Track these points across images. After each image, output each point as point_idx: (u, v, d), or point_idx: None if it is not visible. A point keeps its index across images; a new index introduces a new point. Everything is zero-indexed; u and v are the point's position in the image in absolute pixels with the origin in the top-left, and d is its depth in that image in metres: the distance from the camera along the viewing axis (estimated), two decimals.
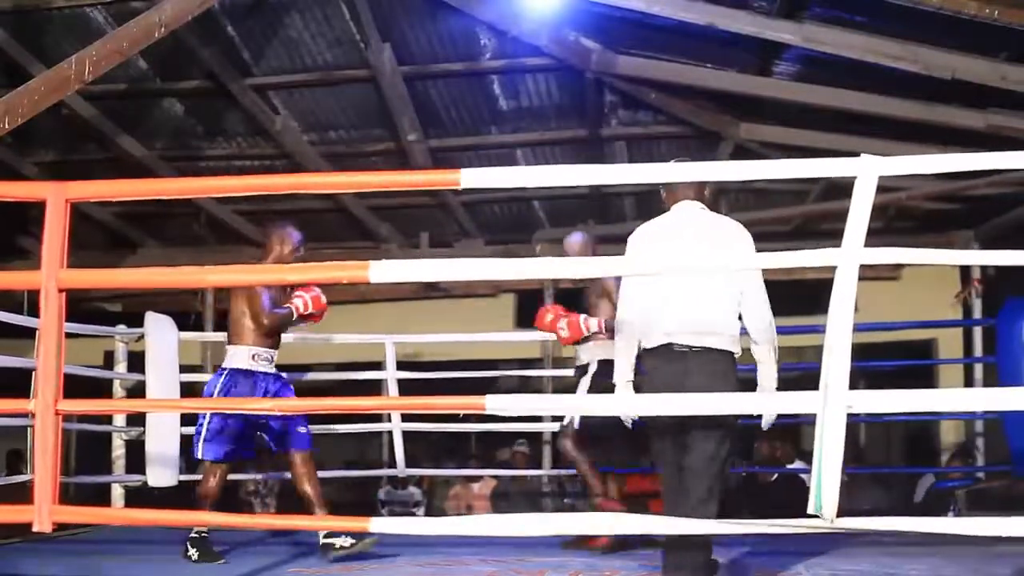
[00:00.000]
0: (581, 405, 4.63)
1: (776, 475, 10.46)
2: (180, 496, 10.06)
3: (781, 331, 5.31)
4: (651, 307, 5.20)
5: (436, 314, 13.35)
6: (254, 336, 6.73)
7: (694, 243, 5.24)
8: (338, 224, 13.34)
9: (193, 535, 6.60)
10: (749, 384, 5.21)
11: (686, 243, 5.25)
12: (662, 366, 5.18)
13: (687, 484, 5.16)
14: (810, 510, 3.89)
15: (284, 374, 6.91)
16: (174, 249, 13.43)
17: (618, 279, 6.57)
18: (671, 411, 4.61)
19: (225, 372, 6.69)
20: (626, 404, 4.94)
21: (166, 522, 6.16)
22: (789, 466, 10.47)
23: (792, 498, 8.93)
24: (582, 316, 7.24)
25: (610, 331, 6.69)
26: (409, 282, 12.83)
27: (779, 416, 5.06)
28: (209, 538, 6.65)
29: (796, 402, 4.27)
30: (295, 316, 6.79)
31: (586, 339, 7.35)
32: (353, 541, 6.70)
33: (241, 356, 6.71)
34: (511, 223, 13.25)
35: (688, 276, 5.16)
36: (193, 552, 6.56)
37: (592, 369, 7.29)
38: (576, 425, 7.34)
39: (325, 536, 6.77)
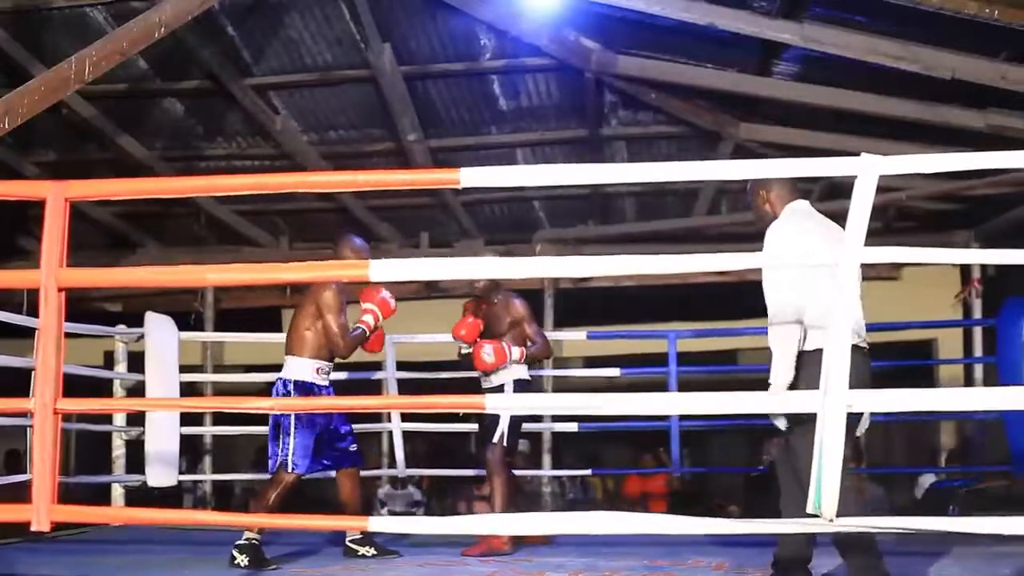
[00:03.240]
0: (582, 404, 4.62)
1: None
2: (180, 496, 10.08)
3: None
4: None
5: (436, 314, 13.33)
6: (319, 350, 6.83)
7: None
8: (338, 224, 13.32)
9: (243, 541, 6.48)
10: None
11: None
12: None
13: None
14: (809, 509, 3.90)
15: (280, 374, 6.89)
16: (174, 249, 13.42)
17: (529, 309, 7.37)
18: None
19: (291, 384, 6.69)
20: (627, 404, 4.90)
21: (164, 521, 6.18)
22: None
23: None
24: (504, 344, 7.25)
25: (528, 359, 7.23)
26: (409, 282, 12.84)
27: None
28: (260, 545, 6.56)
29: (796, 402, 4.27)
30: (368, 334, 7.02)
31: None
32: (375, 554, 6.82)
33: (306, 369, 6.76)
34: (511, 223, 13.25)
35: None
36: (242, 558, 6.44)
37: (509, 389, 7.24)
38: (505, 441, 7.24)
39: (352, 541, 6.88)
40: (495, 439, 7.20)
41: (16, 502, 4.51)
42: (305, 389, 6.63)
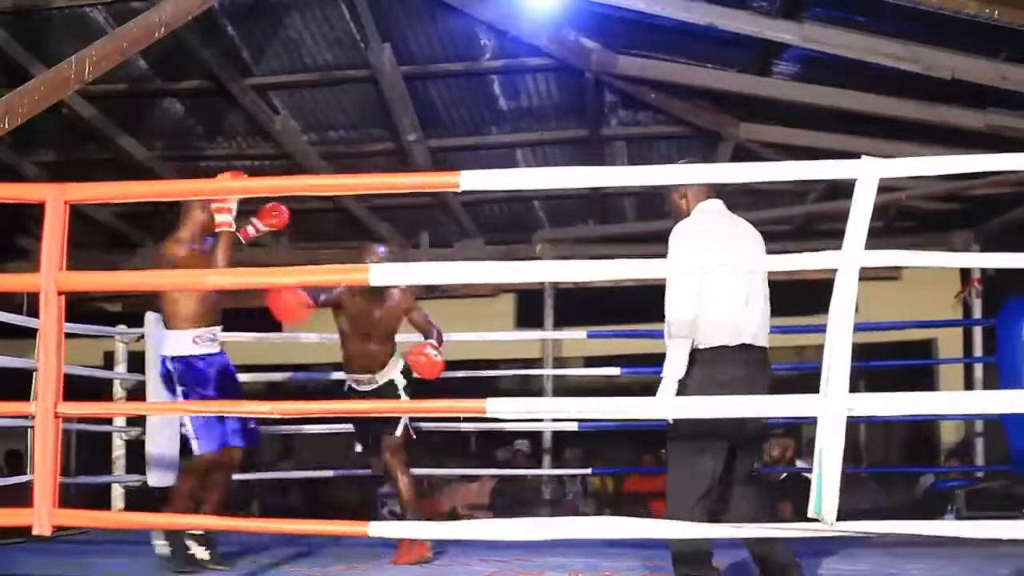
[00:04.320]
0: (581, 408, 4.62)
1: (785, 475, 10.47)
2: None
3: (782, 330, 5.36)
4: (732, 307, 5.18)
5: (436, 314, 13.30)
6: (194, 317, 6.53)
7: (746, 243, 5.28)
8: (338, 224, 13.33)
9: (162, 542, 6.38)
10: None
11: (742, 243, 5.29)
12: (737, 366, 5.18)
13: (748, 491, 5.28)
14: (810, 513, 3.89)
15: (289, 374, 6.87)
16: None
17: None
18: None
19: (169, 361, 6.46)
20: (631, 406, 4.91)
21: (165, 526, 6.17)
22: (795, 465, 10.51)
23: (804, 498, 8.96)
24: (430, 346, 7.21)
25: None
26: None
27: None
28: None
29: (796, 405, 4.26)
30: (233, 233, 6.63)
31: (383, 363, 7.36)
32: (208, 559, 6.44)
33: (184, 342, 6.48)
34: (511, 223, 13.25)
35: (757, 278, 5.26)
36: (201, 551, 6.34)
37: (402, 384, 7.33)
38: (409, 432, 7.27)
39: (191, 537, 6.43)
40: (398, 431, 7.21)
41: (17, 502, 4.52)
42: (186, 364, 6.43)
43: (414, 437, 7.26)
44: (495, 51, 9.58)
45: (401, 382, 7.29)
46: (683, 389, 5.06)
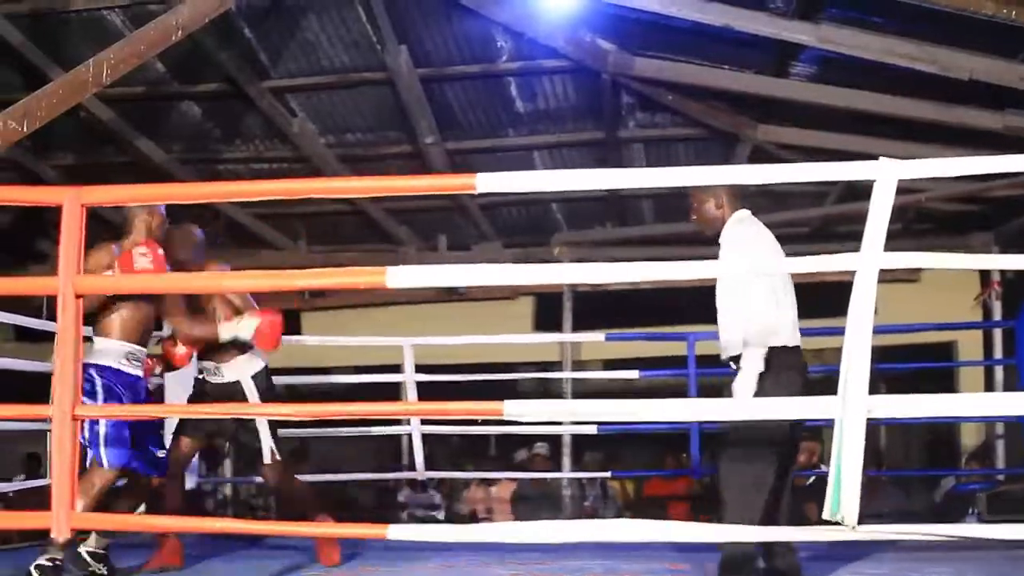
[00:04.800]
0: (599, 410, 4.61)
1: (812, 479, 10.45)
2: (201, 497, 10.06)
3: (800, 333, 5.39)
4: (788, 310, 5.36)
5: (454, 317, 13.37)
6: (129, 333, 6.08)
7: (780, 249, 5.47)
8: (356, 227, 13.35)
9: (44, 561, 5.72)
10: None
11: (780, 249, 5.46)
12: (795, 367, 5.33)
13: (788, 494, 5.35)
14: (826, 515, 3.88)
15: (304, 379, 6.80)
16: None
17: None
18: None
19: (93, 369, 5.87)
20: (640, 408, 4.90)
21: (183, 529, 6.17)
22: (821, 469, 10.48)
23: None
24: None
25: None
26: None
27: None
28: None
29: (815, 406, 4.25)
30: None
31: (225, 354, 6.65)
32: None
33: (113, 353, 6.02)
34: (529, 225, 13.25)
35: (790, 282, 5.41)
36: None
37: (249, 386, 6.63)
38: (278, 456, 6.74)
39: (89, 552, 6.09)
40: (267, 459, 6.69)
41: (37, 505, 4.53)
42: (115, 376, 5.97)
43: (279, 459, 6.75)
44: (512, 53, 9.57)
45: (250, 386, 6.67)
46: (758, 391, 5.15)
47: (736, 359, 5.34)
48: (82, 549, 6.00)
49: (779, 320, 5.24)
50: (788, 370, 5.21)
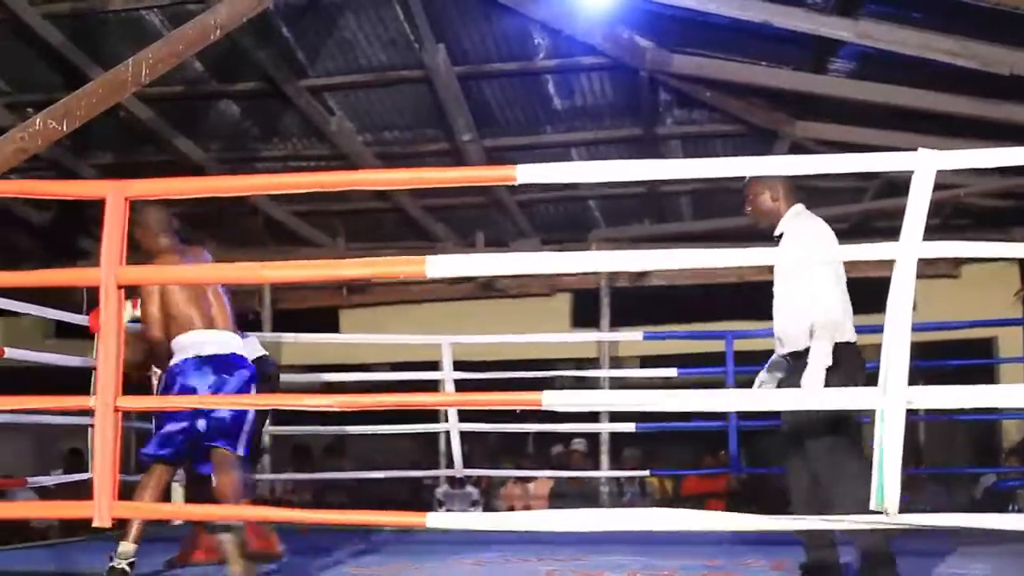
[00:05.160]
0: (638, 400, 4.60)
1: None
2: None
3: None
4: (847, 306, 5.35)
5: (492, 314, 13.37)
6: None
7: None
8: (394, 224, 13.37)
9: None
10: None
11: None
12: (858, 361, 5.32)
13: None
14: (872, 507, 3.87)
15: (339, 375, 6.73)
16: (231, 250, 13.48)
17: None
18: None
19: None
20: (687, 399, 4.88)
21: (224, 518, 6.19)
22: None
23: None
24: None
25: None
26: (465, 282, 12.87)
27: None
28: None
29: (856, 398, 4.24)
30: None
31: None
32: None
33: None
34: (567, 222, 13.24)
35: None
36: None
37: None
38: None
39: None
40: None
41: (78, 499, 4.56)
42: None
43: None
44: (549, 50, 9.58)
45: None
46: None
47: (796, 354, 5.34)
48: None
49: (846, 314, 5.25)
50: (853, 366, 5.20)
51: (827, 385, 5.02)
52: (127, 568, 5.74)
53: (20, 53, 9.63)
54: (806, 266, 5.34)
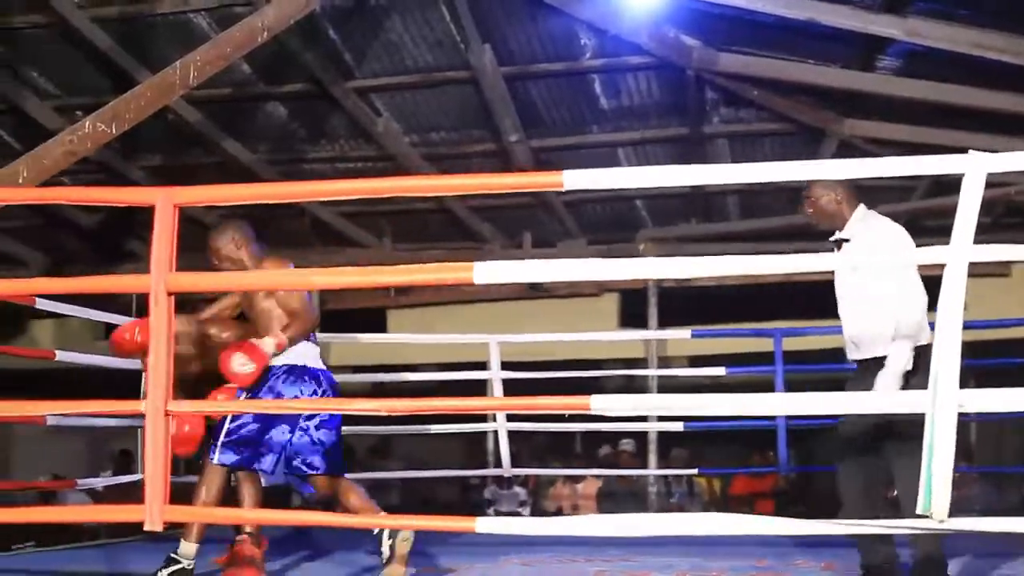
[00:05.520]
0: (686, 404, 4.59)
1: None
2: (288, 494, 10.10)
3: None
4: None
5: (540, 314, 13.37)
6: None
7: None
8: (440, 225, 13.39)
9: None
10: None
11: None
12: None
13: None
14: (918, 510, 3.84)
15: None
16: (279, 251, 13.49)
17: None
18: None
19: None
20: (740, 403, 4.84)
21: (274, 521, 6.22)
22: None
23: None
24: (260, 343, 5.68)
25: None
26: (513, 283, 12.88)
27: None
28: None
29: (905, 401, 4.22)
30: None
31: None
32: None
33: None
34: (614, 222, 13.22)
35: None
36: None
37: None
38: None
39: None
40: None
41: (129, 501, 4.59)
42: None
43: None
44: (595, 50, 9.57)
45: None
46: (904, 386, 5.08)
47: (868, 360, 5.28)
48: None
49: (925, 316, 5.18)
50: (922, 367, 5.10)
51: (906, 388, 4.98)
52: (187, 567, 5.74)
53: (69, 56, 9.70)
54: (887, 269, 5.22)
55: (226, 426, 5.75)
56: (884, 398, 4.30)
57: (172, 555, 5.74)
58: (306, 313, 5.85)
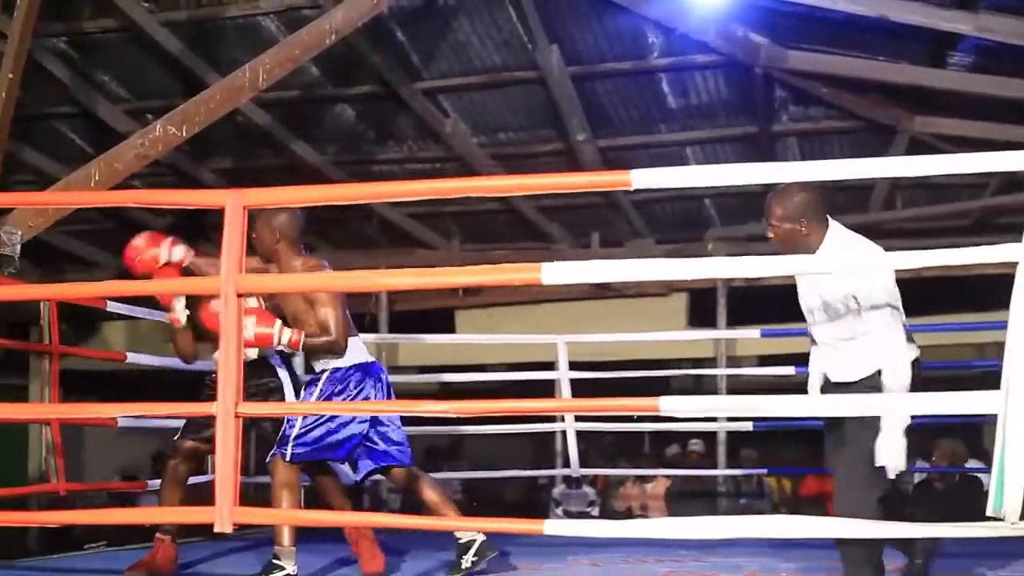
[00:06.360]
0: (756, 406, 4.56)
1: (957, 476, 10.27)
2: (360, 494, 10.14)
3: (960, 328, 5.24)
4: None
5: (608, 314, 13.33)
6: None
7: None
8: (508, 225, 13.40)
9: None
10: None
11: None
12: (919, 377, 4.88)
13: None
14: (989, 512, 3.80)
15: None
16: (347, 252, 13.58)
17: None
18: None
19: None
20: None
21: (344, 523, 6.24)
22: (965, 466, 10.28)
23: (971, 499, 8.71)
24: (279, 325, 5.52)
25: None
26: (580, 283, 12.86)
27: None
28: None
29: (976, 401, 4.17)
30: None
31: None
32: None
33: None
34: (682, 221, 13.18)
35: None
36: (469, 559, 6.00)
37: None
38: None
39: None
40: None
41: (198, 502, 4.62)
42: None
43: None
44: (663, 49, 9.55)
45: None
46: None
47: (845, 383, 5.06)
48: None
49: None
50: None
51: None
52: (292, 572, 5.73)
53: (139, 60, 9.81)
54: (868, 305, 4.71)
55: (297, 424, 5.78)
56: (954, 397, 4.24)
57: (274, 561, 5.75)
58: (337, 340, 5.75)
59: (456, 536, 6.03)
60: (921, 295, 10.93)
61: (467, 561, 5.96)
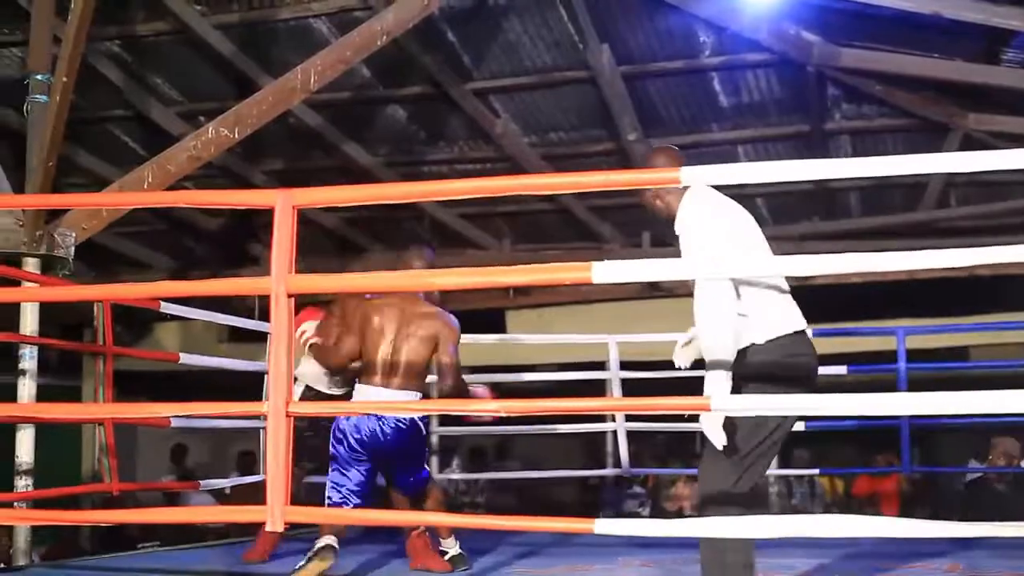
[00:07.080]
0: (808, 405, 4.52)
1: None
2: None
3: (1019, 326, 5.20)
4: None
5: (659, 313, 13.29)
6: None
7: None
8: (559, 225, 13.39)
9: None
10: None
11: None
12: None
13: None
14: None
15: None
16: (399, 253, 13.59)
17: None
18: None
19: None
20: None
21: (395, 522, 6.26)
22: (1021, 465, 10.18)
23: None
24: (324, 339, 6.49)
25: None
26: (631, 282, 12.83)
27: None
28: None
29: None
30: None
31: None
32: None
33: None
34: None
35: None
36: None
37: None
38: None
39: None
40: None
41: (249, 502, 4.64)
42: None
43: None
44: (714, 47, 9.52)
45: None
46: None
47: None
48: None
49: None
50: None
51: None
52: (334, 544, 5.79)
53: (192, 63, 9.86)
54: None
55: None
56: (1010, 396, 4.20)
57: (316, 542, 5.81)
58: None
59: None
60: (974, 293, 10.87)
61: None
